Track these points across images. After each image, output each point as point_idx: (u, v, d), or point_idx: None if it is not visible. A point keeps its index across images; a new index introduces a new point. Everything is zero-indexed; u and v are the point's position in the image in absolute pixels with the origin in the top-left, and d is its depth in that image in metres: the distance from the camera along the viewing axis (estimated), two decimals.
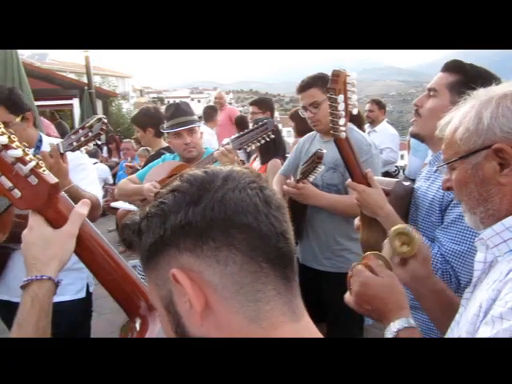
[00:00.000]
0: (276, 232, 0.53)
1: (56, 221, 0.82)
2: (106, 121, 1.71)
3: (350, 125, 2.32)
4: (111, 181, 7.01)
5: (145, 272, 0.58)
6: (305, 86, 2.28)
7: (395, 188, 1.53)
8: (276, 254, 0.53)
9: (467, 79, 1.37)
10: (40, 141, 2.02)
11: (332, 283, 2.21)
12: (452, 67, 1.45)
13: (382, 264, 0.98)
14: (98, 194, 2.01)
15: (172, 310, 0.55)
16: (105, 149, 9.19)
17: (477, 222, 0.92)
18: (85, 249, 0.84)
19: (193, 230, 0.51)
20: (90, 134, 1.70)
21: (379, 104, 5.31)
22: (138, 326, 0.83)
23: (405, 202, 1.54)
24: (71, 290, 2.01)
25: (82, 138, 1.71)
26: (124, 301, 0.85)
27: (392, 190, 1.50)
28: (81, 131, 1.71)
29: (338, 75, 1.37)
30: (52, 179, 0.80)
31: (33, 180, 0.78)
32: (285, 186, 2.22)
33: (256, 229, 0.52)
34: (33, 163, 0.77)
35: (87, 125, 1.70)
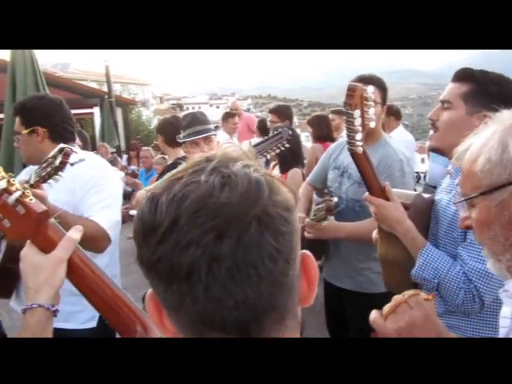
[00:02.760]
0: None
1: (46, 248, 0.82)
2: (70, 151, 1.54)
3: (386, 138, 2.28)
4: (129, 188, 7.08)
5: None
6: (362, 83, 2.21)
7: (415, 201, 1.48)
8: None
9: (480, 87, 1.33)
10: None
11: (355, 301, 2.18)
12: (462, 76, 1.40)
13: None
14: (107, 221, 1.77)
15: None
16: (124, 157, 9.31)
17: (502, 270, 0.79)
18: (76, 274, 0.84)
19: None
20: (49, 168, 1.52)
21: (390, 110, 5.19)
22: None
23: (425, 216, 1.49)
24: (79, 317, 1.85)
25: (48, 169, 1.54)
26: (119, 325, 0.85)
27: (412, 203, 1.46)
28: (45, 166, 1.55)
29: (354, 90, 1.35)
30: (39, 208, 0.81)
31: (20, 209, 0.79)
32: (305, 221, 2.16)
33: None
34: (18, 193, 0.78)
35: (50, 156, 1.54)
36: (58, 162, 1.52)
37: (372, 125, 1.39)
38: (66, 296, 0.94)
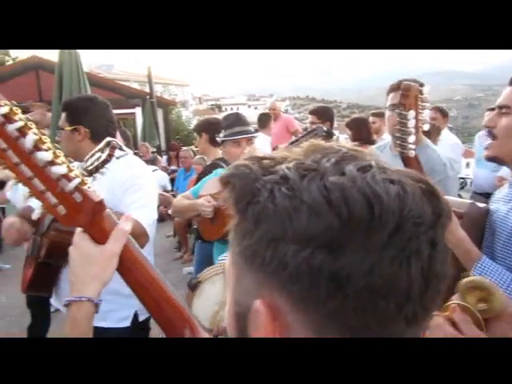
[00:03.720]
0: None
1: (100, 239, 0.79)
2: (115, 143, 1.60)
3: (427, 141, 2.19)
4: (169, 187, 7.20)
5: (229, 264, 0.48)
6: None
7: (469, 210, 1.39)
8: None
9: None
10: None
11: None
12: None
13: (470, 320, 0.79)
14: (146, 219, 1.80)
15: (242, 325, 0.46)
16: (164, 157, 9.47)
17: None
18: (128, 269, 0.81)
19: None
20: (100, 159, 1.61)
21: (442, 111, 5.00)
22: None
23: (480, 226, 1.40)
24: (113, 316, 1.87)
25: (95, 163, 1.63)
26: (167, 326, 0.81)
27: (466, 212, 1.37)
28: (96, 155, 1.63)
29: (408, 89, 1.27)
30: (96, 197, 0.78)
31: (77, 197, 0.76)
32: None
33: None
34: (77, 180, 0.75)
35: (98, 149, 1.62)
36: (105, 155, 1.56)
37: (426, 127, 1.31)
38: (103, 294, 0.93)
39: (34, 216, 0.81)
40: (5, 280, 5.34)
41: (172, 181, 7.54)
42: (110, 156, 1.57)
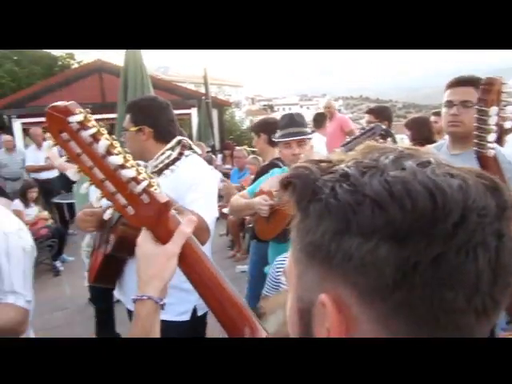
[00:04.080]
0: None
1: (164, 238, 0.82)
2: (185, 142, 1.65)
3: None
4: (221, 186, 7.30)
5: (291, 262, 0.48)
6: (463, 82, 2.02)
7: None
8: None
9: None
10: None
11: None
12: None
13: None
14: (209, 216, 1.88)
15: (306, 321, 0.46)
16: (219, 156, 9.63)
17: None
18: (190, 267, 0.84)
19: None
20: (170, 157, 1.68)
21: None
22: None
23: None
24: (173, 310, 1.90)
25: (166, 161, 1.69)
26: (228, 324, 0.83)
27: None
28: (166, 153, 1.69)
29: (491, 83, 1.19)
30: (163, 198, 0.81)
31: (145, 198, 0.79)
32: None
33: None
34: (145, 183, 0.79)
35: (169, 147, 1.68)
36: (176, 153, 1.61)
37: (508, 125, 1.24)
38: None
39: (106, 216, 0.85)
40: (69, 272, 5.66)
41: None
42: (181, 154, 1.63)
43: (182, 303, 1.96)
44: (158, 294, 0.83)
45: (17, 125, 11.10)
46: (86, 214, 1.94)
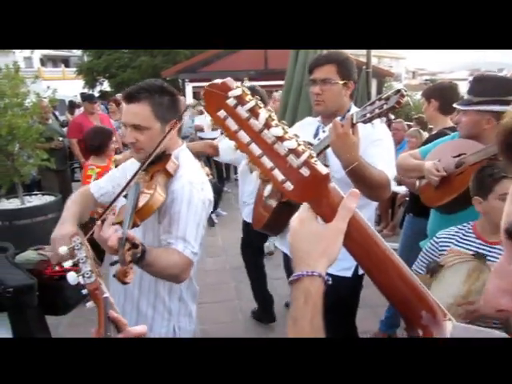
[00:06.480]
0: None
1: (325, 214, 0.78)
2: (405, 93, 1.54)
3: None
4: None
5: None
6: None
7: None
8: None
9: None
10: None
11: None
12: None
13: None
14: (390, 172, 1.83)
15: None
16: None
17: None
18: (356, 244, 0.78)
19: None
20: (384, 106, 1.60)
21: None
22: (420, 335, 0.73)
23: None
24: (337, 265, 1.90)
25: (376, 110, 1.62)
26: (402, 307, 0.75)
27: None
28: (377, 102, 1.62)
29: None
30: (323, 170, 0.75)
31: (305, 171, 0.74)
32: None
33: None
34: (306, 154, 0.74)
35: (384, 96, 1.60)
36: (392, 102, 1.52)
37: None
38: None
39: (266, 192, 0.81)
40: (222, 224, 6.16)
41: None
42: (399, 104, 1.51)
43: (346, 258, 1.97)
44: (325, 272, 0.80)
45: (189, 88, 12.47)
46: None
